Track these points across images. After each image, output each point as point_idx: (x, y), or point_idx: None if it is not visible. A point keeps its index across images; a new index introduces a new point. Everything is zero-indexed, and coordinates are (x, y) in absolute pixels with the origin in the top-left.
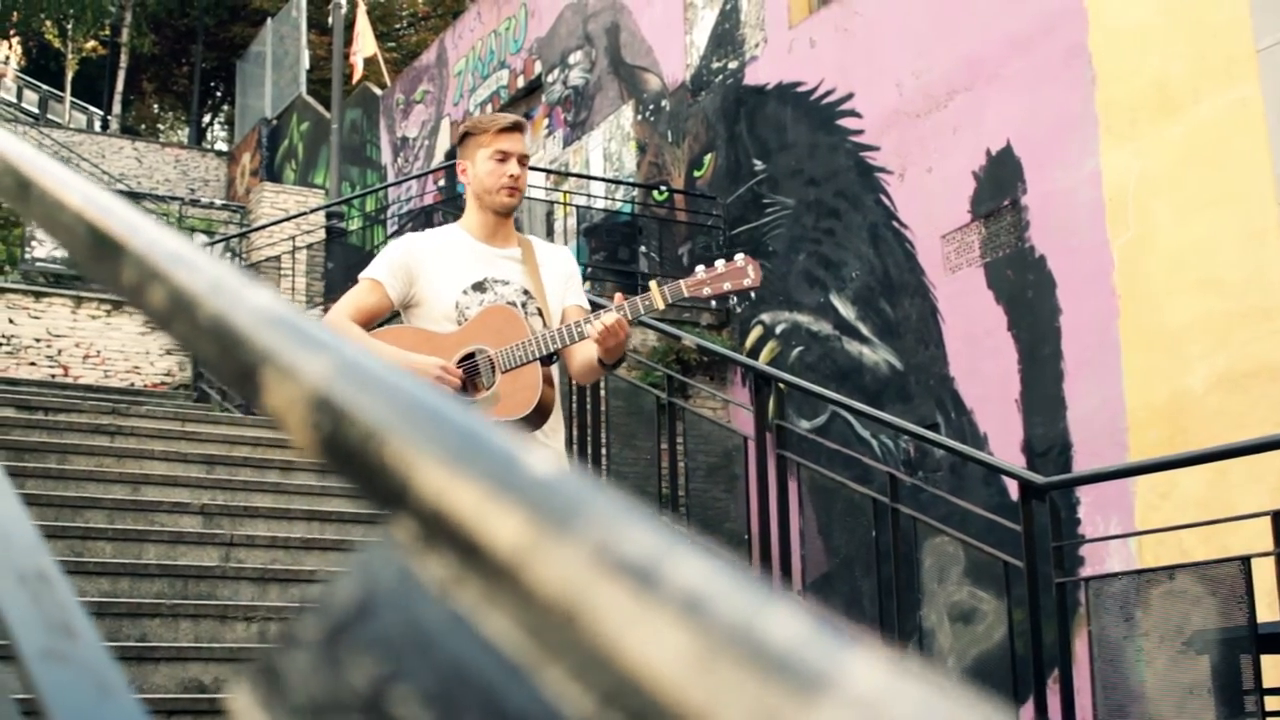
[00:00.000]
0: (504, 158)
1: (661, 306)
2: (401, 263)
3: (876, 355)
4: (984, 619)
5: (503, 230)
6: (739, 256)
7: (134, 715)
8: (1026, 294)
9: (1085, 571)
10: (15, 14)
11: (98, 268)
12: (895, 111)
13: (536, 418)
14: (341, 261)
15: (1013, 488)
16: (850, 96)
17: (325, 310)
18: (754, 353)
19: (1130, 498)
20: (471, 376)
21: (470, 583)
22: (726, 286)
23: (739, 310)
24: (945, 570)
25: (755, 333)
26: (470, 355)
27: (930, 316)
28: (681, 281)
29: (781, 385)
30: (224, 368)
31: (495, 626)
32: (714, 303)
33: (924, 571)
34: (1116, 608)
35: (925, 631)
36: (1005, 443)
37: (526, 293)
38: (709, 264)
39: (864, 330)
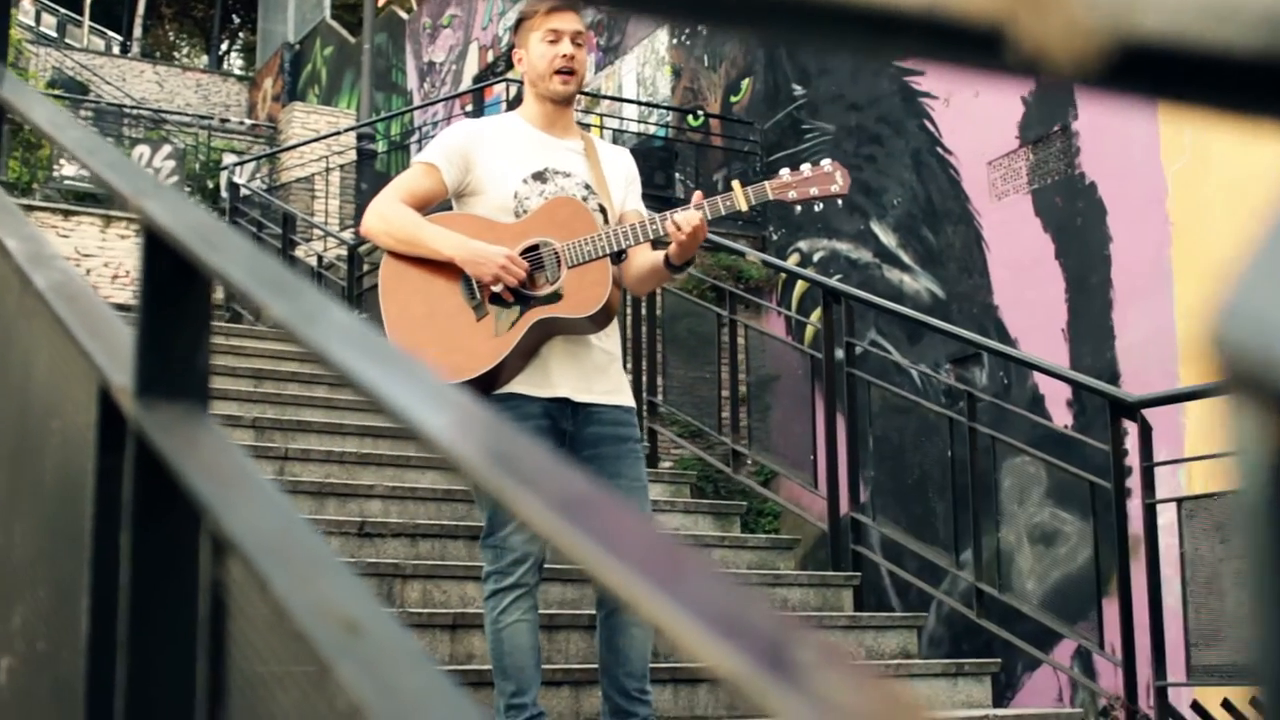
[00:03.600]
0: (556, 37)
1: (744, 208)
2: (458, 148)
3: (918, 283)
4: (1062, 541)
5: (562, 120)
6: (825, 161)
7: None
8: (1076, 221)
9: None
10: None
11: None
12: None
13: (602, 318)
14: (373, 184)
15: (1062, 415)
16: None
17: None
18: (790, 280)
19: (1180, 428)
20: (534, 270)
21: None
22: (813, 191)
23: (775, 238)
24: (1025, 491)
25: (792, 260)
26: (534, 248)
27: (975, 244)
28: (766, 183)
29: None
30: None
31: None
32: (800, 213)
33: (1002, 493)
34: (1213, 529)
35: (1003, 553)
36: None
37: (588, 187)
38: (794, 167)
39: (905, 258)
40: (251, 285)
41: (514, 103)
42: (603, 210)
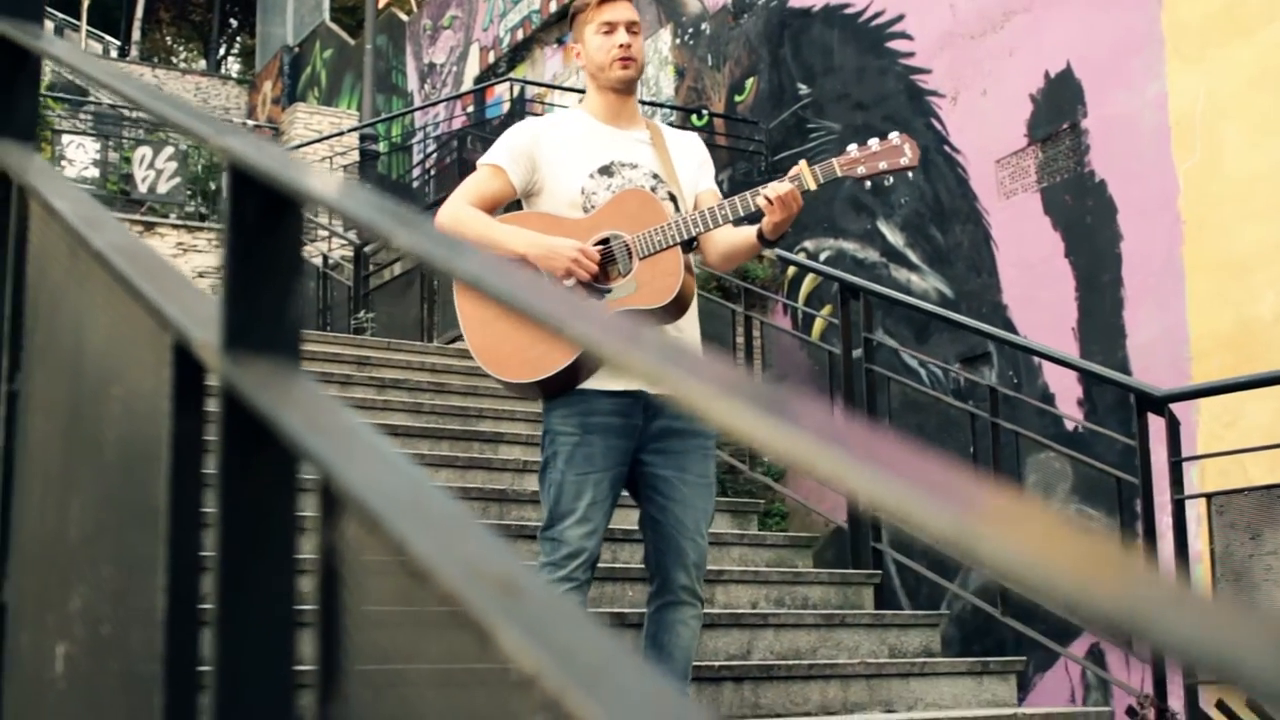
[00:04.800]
0: (610, 29)
1: (813, 187)
2: (523, 147)
3: (925, 283)
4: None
5: (626, 110)
6: (894, 135)
7: None
8: (1085, 220)
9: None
10: None
11: None
12: (949, 33)
13: (675, 308)
14: (377, 185)
15: (1073, 413)
16: (901, 18)
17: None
18: (798, 279)
19: (1194, 426)
20: (606, 264)
21: None
22: (882, 166)
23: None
24: (1049, 488)
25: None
26: (604, 241)
27: (983, 243)
28: (834, 160)
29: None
30: None
31: None
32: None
33: (1025, 489)
34: (1243, 525)
35: None
36: (1061, 370)
37: (656, 176)
38: (861, 143)
39: (912, 257)
40: (369, 213)
41: (516, 102)
42: (673, 198)
